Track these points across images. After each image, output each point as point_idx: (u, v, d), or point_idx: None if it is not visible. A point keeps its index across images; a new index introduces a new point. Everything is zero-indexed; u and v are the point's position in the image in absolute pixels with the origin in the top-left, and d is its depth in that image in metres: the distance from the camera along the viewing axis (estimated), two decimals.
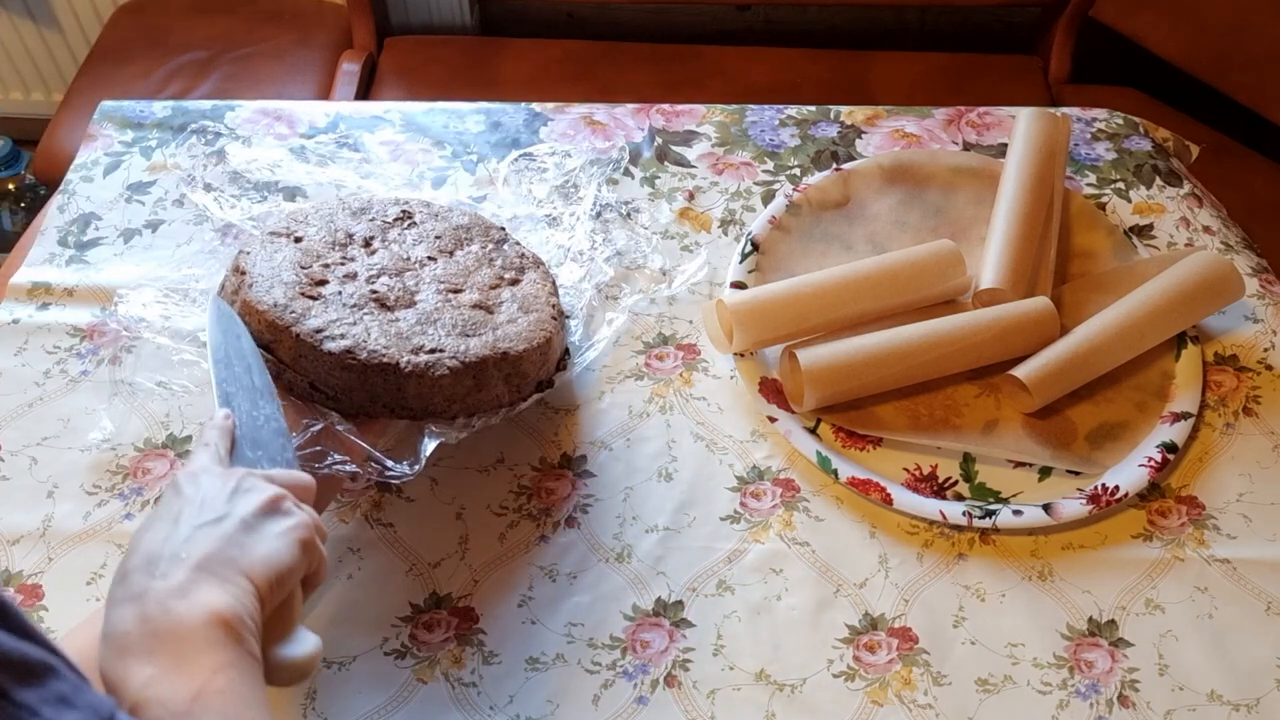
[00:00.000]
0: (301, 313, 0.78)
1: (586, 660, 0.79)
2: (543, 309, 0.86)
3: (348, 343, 0.77)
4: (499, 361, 0.80)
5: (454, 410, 0.80)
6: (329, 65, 1.71)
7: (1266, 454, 0.91)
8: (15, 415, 0.91)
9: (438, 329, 0.81)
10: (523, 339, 0.82)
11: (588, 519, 0.86)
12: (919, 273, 0.96)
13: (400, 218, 0.90)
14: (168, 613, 0.55)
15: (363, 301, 0.81)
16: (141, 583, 0.56)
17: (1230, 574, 0.84)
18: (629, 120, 1.18)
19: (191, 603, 0.55)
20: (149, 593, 0.56)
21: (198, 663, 0.53)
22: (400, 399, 0.78)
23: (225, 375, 0.72)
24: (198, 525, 0.60)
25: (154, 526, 0.60)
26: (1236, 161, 1.56)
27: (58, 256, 1.03)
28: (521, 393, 0.84)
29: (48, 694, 0.42)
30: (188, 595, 0.56)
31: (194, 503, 0.61)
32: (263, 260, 0.82)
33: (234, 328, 0.77)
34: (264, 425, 0.70)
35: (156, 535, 0.59)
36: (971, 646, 0.80)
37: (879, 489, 0.86)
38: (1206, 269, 0.96)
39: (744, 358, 0.94)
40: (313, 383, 0.77)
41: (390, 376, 0.77)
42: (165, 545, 0.58)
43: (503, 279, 0.88)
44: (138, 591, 0.56)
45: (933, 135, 1.17)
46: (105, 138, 1.14)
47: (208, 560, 0.58)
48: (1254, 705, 0.77)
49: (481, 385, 0.80)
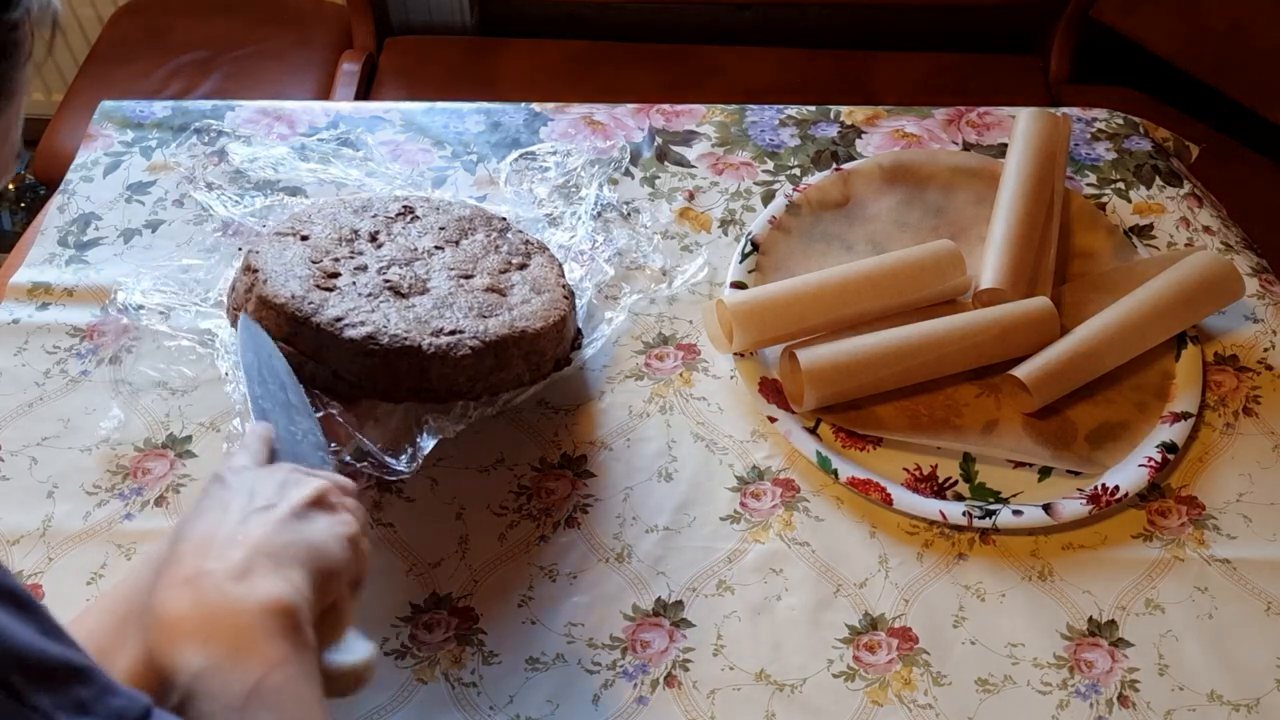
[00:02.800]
0: (319, 303, 0.78)
1: (586, 660, 0.78)
2: (554, 289, 0.88)
3: (369, 329, 0.77)
4: (518, 340, 0.82)
5: (477, 389, 0.81)
6: (329, 65, 1.70)
7: (1266, 454, 0.91)
8: (15, 415, 0.91)
9: (455, 312, 0.81)
10: (539, 317, 0.84)
11: (588, 519, 0.86)
12: (919, 273, 0.96)
13: (402, 212, 0.91)
14: (226, 596, 0.52)
15: (378, 290, 0.81)
16: (195, 564, 0.54)
17: (1230, 574, 0.84)
18: (629, 120, 1.18)
19: (250, 587, 0.53)
20: (204, 575, 0.53)
21: (255, 655, 0.51)
22: (424, 381, 0.79)
23: (260, 393, 0.71)
24: (250, 511, 0.57)
25: (203, 515, 0.58)
26: (1236, 161, 1.56)
27: (58, 256, 1.03)
28: (541, 371, 0.85)
29: (64, 699, 0.40)
30: (246, 579, 0.53)
31: (242, 492, 0.59)
32: (273, 257, 0.82)
33: (266, 346, 0.76)
34: (302, 440, 0.70)
35: (207, 521, 0.57)
36: (971, 646, 0.80)
37: (879, 489, 0.86)
38: (1206, 269, 0.96)
39: (744, 358, 0.94)
40: (335, 371, 0.78)
41: (413, 360, 0.77)
42: (218, 529, 0.56)
43: (511, 264, 0.89)
44: (191, 574, 0.53)
45: (933, 135, 1.17)
46: (105, 138, 1.14)
47: (265, 544, 0.55)
48: (1254, 705, 0.77)
49: (503, 364, 0.81)
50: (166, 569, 0.55)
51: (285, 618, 0.52)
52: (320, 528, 0.59)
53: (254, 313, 0.79)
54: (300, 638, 0.53)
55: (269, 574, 0.54)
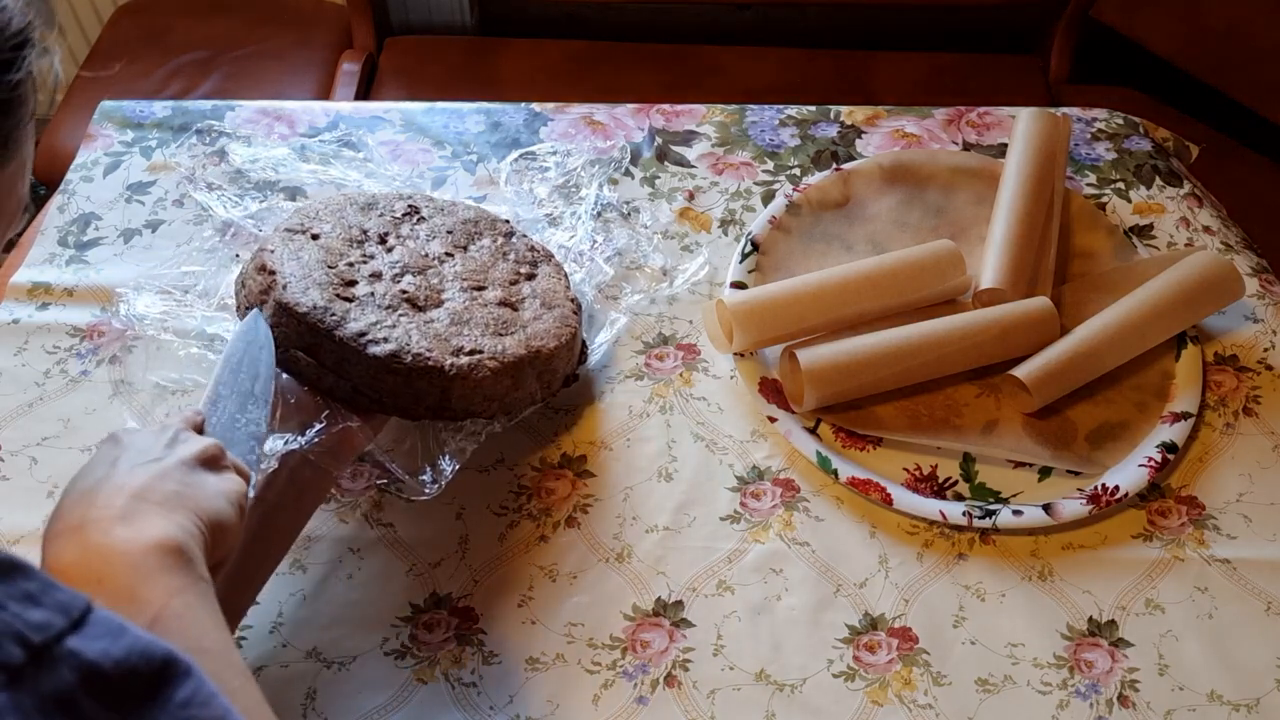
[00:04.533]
0: (341, 316, 0.78)
1: (586, 660, 0.78)
2: (563, 304, 0.88)
3: (392, 346, 0.77)
4: (533, 360, 0.82)
5: (492, 409, 0.81)
6: (329, 65, 1.70)
7: (1266, 454, 0.91)
8: (15, 415, 0.91)
9: (472, 329, 0.81)
10: (552, 336, 0.84)
11: (588, 519, 0.86)
12: (919, 273, 0.96)
13: (409, 213, 0.91)
14: (112, 540, 0.53)
15: (396, 303, 0.81)
16: (80, 514, 0.54)
17: (1230, 574, 0.84)
18: (629, 120, 1.18)
19: (137, 530, 0.53)
20: (89, 523, 0.54)
21: (150, 589, 0.51)
22: (444, 401, 0.79)
23: (226, 379, 0.71)
24: (136, 464, 0.58)
25: (89, 470, 0.58)
26: (1236, 161, 1.56)
27: (58, 256, 1.03)
28: (551, 388, 0.86)
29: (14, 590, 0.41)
30: (131, 522, 0.54)
31: (131, 448, 0.60)
32: (289, 259, 0.81)
33: (260, 341, 0.75)
34: (242, 427, 0.70)
35: (93, 475, 0.58)
36: (971, 646, 0.80)
37: (879, 489, 0.86)
38: (1206, 269, 0.96)
39: (744, 358, 0.94)
40: (356, 386, 0.77)
41: (435, 379, 0.77)
42: (103, 482, 0.57)
43: (519, 274, 0.89)
44: (76, 523, 0.54)
45: (933, 135, 1.17)
46: (105, 138, 1.14)
47: (149, 491, 0.56)
48: (1254, 705, 0.77)
49: (518, 384, 0.82)
50: (52, 522, 0.55)
51: (175, 554, 0.53)
52: (209, 482, 0.59)
53: (272, 318, 0.78)
54: (193, 571, 0.53)
55: (154, 516, 0.54)
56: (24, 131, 0.49)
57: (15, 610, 0.41)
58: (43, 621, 0.41)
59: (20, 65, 0.47)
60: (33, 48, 0.48)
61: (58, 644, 0.41)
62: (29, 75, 0.48)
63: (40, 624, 0.41)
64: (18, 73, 0.47)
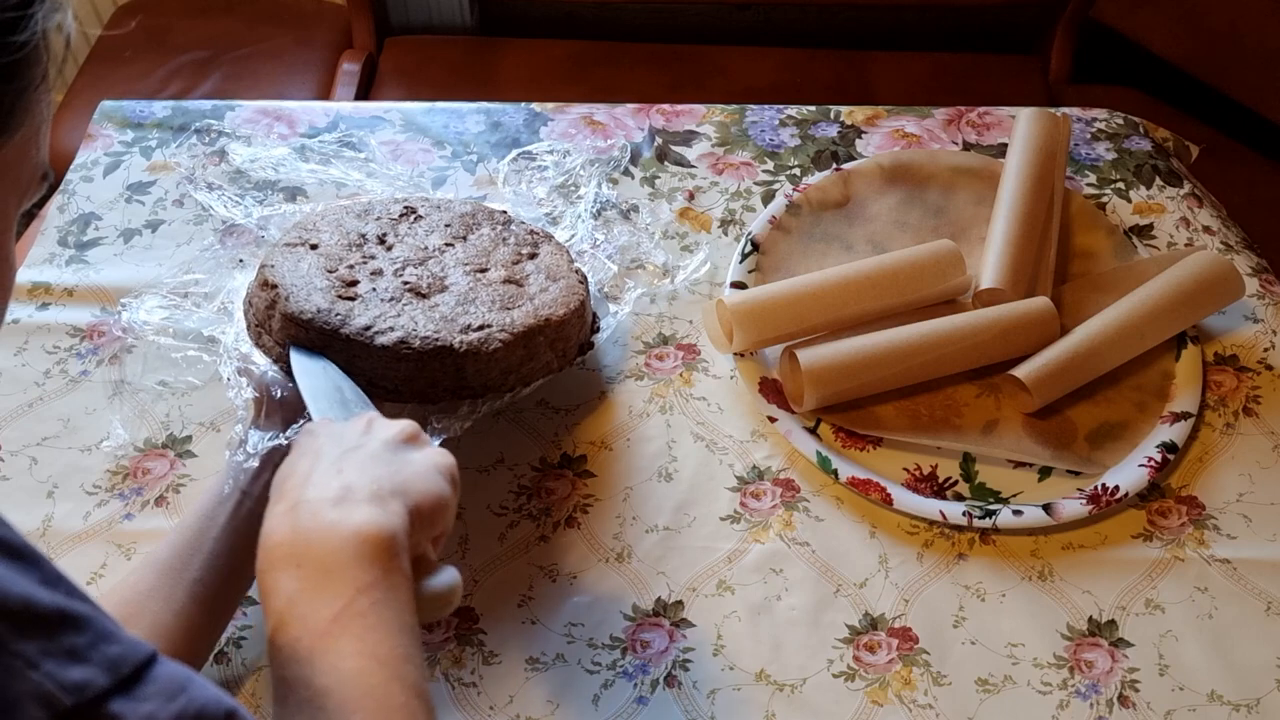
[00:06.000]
0: (345, 314, 0.78)
1: (586, 660, 0.79)
2: (568, 275, 0.88)
3: (399, 334, 0.78)
4: (544, 328, 0.82)
5: (510, 382, 0.82)
6: (329, 65, 1.71)
7: (1266, 454, 0.91)
8: (15, 415, 0.91)
9: (478, 306, 0.82)
10: (560, 304, 0.84)
11: (588, 519, 0.86)
12: (919, 273, 0.96)
13: (405, 213, 0.91)
14: (320, 522, 0.53)
15: (399, 294, 0.81)
16: (296, 492, 0.55)
17: (1230, 574, 0.84)
18: (629, 120, 1.18)
19: (346, 513, 0.54)
20: (304, 503, 0.54)
21: (342, 579, 0.51)
22: (460, 379, 0.79)
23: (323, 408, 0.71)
24: (343, 452, 0.58)
25: (299, 460, 0.59)
26: (1236, 161, 1.55)
27: (58, 256, 1.03)
28: (567, 357, 0.86)
29: (54, 646, 0.39)
30: (343, 505, 0.54)
31: (330, 439, 0.60)
32: (289, 271, 0.82)
33: (314, 370, 0.75)
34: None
35: (305, 463, 0.58)
36: (971, 646, 0.80)
37: (879, 489, 0.86)
38: (1206, 269, 0.96)
39: (744, 358, 0.94)
40: (371, 380, 0.78)
41: (447, 359, 0.78)
42: (315, 468, 0.57)
43: (521, 254, 0.89)
44: (293, 501, 0.55)
45: (933, 135, 1.17)
46: (105, 137, 1.14)
47: (363, 473, 0.56)
48: (1254, 705, 0.77)
49: (532, 354, 0.82)
50: (272, 502, 0.56)
51: (378, 544, 0.53)
52: (416, 459, 0.60)
53: (280, 330, 0.79)
54: (393, 564, 0.53)
55: (365, 502, 0.55)
56: (35, 95, 0.46)
57: (50, 669, 0.39)
58: (81, 681, 0.39)
59: (28, 24, 0.44)
60: (41, 4, 0.44)
61: (97, 707, 0.39)
62: (39, 35, 0.45)
63: (77, 684, 0.39)
64: (24, 33, 0.44)
